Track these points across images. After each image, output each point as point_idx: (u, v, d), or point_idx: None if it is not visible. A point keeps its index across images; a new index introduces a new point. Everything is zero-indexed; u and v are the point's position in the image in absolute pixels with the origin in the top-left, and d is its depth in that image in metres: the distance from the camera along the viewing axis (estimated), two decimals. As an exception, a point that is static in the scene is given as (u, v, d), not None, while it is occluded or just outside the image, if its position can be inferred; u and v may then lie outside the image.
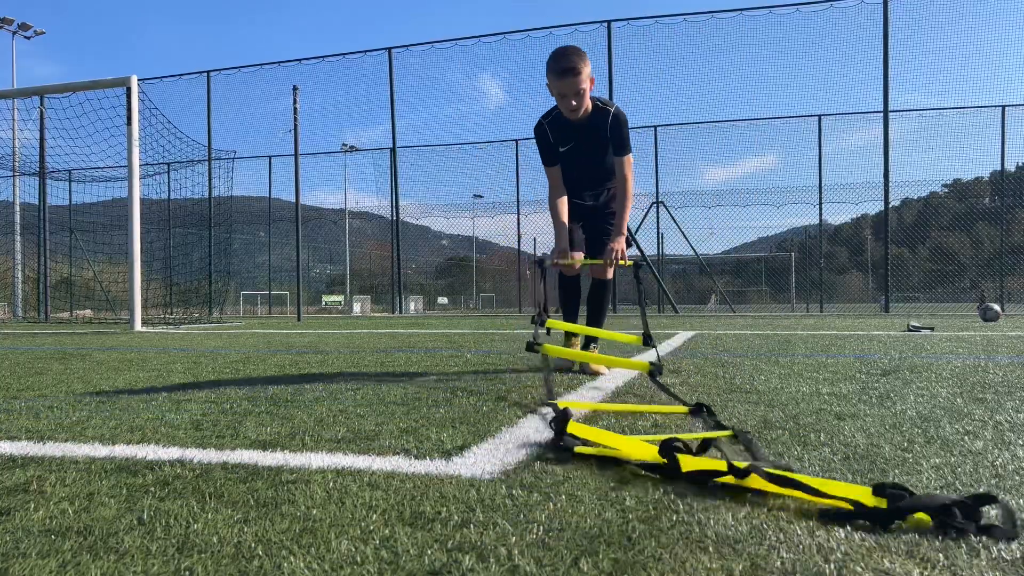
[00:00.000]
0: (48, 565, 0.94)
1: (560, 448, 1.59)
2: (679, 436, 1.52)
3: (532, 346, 2.69)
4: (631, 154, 3.40)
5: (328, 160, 31.56)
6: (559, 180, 3.45)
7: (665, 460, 1.36)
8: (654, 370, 2.57)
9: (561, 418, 1.67)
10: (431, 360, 4.10)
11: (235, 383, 3.01)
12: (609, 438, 1.56)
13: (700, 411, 2.04)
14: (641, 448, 1.48)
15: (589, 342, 3.70)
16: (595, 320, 3.72)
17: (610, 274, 3.56)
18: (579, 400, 2.38)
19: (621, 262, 3.26)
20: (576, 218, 3.54)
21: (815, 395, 2.45)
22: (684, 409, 2.09)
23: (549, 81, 3.25)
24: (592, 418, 2.05)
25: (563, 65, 3.17)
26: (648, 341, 2.86)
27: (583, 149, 3.42)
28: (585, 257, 3.48)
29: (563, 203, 3.42)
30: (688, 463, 1.33)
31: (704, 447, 1.43)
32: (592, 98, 3.32)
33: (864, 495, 1.12)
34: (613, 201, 3.50)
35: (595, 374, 3.22)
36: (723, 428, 1.79)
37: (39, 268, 18.61)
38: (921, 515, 1.06)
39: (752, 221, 22.77)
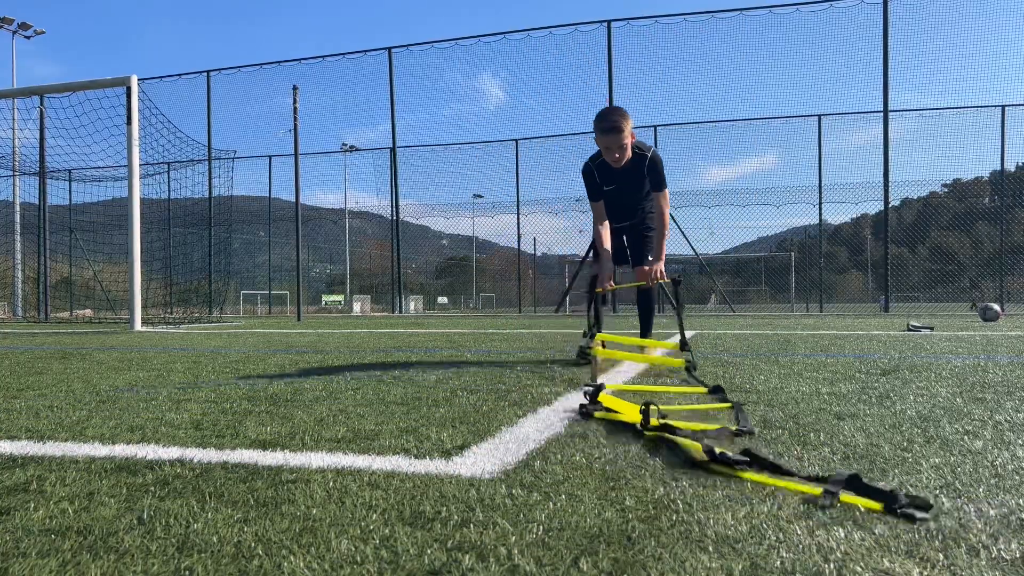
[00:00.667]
0: (48, 565, 0.94)
1: (584, 413, 2.04)
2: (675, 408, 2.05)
3: (584, 353, 3.14)
4: (667, 189, 3.90)
5: (328, 160, 31.61)
6: (603, 212, 3.94)
7: (641, 417, 1.78)
8: (689, 366, 3.10)
9: (595, 390, 2.14)
10: (431, 360, 4.10)
11: (235, 383, 3.01)
12: (622, 406, 2.04)
13: (717, 390, 2.50)
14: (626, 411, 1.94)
15: (644, 336, 4.21)
16: (646, 324, 4.23)
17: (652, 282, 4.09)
18: (619, 383, 2.82)
19: (661, 280, 3.78)
20: (616, 234, 4.07)
21: (815, 395, 2.45)
22: (704, 389, 2.57)
23: (596, 136, 3.76)
24: (627, 395, 2.42)
25: (607, 125, 3.68)
26: (685, 347, 3.31)
27: (623, 190, 3.95)
28: (630, 260, 4.16)
29: (606, 232, 3.90)
30: (655, 422, 1.75)
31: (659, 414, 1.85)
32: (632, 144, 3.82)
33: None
34: (648, 218, 4.07)
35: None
36: (726, 402, 2.26)
37: (39, 268, 18.60)
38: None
39: (752, 221, 22.79)
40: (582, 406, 2.08)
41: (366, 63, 20.11)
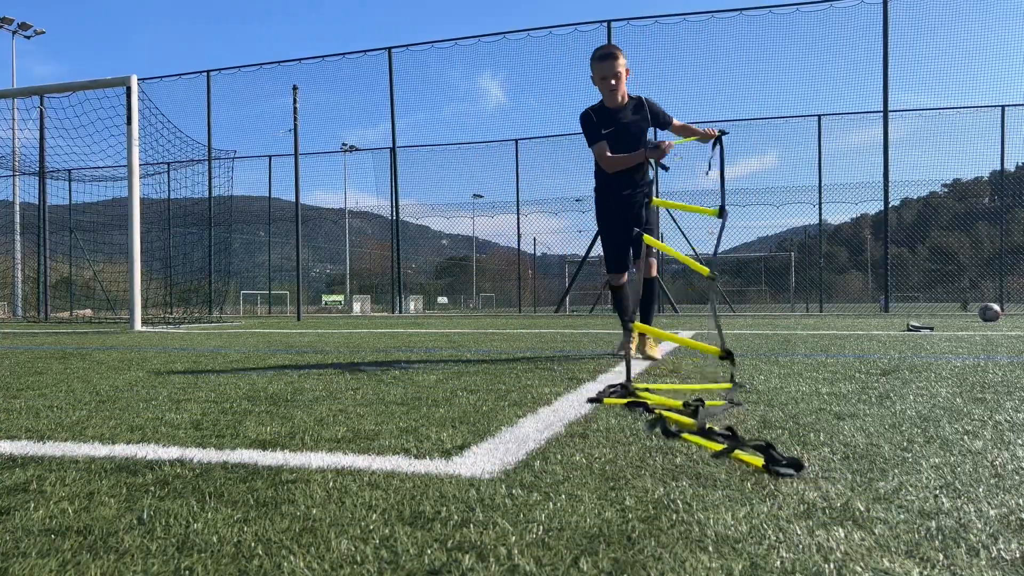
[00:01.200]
0: (48, 565, 0.94)
1: (596, 400, 2.32)
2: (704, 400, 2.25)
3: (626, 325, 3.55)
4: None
5: (328, 160, 31.61)
6: (607, 150, 3.95)
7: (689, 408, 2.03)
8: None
9: (629, 389, 2.47)
10: (431, 360, 4.10)
11: (235, 383, 3.01)
12: (649, 396, 2.30)
13: (729, 355, 2.70)
14: (668, 402, 2.18)
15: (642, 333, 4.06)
16: (647, 314, 4.14)
17: (654, 271, 4.08)
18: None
19: (712, 134, 3.71)
20: (620, 221, 3.99)
21: (815, 395, 2.45)
22: (717, 351, 2.73)
23: (593, 70, 3.90)
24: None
25: (603, 51, 3.89)
26: (722, 213, 3.20)
27: (622, 136, 3.95)
28: (634, 260, 3.94)
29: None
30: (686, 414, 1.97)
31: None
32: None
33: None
34: (649, 210, 3.96)
35: (651, 358, 3.83)
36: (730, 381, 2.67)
37: (39, 268, 18.60)
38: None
39: (752, 221, 22.73)
40: (627, 393, 2.39)
41: (366, 63, 20.10)
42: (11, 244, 20.80)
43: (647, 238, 3.62)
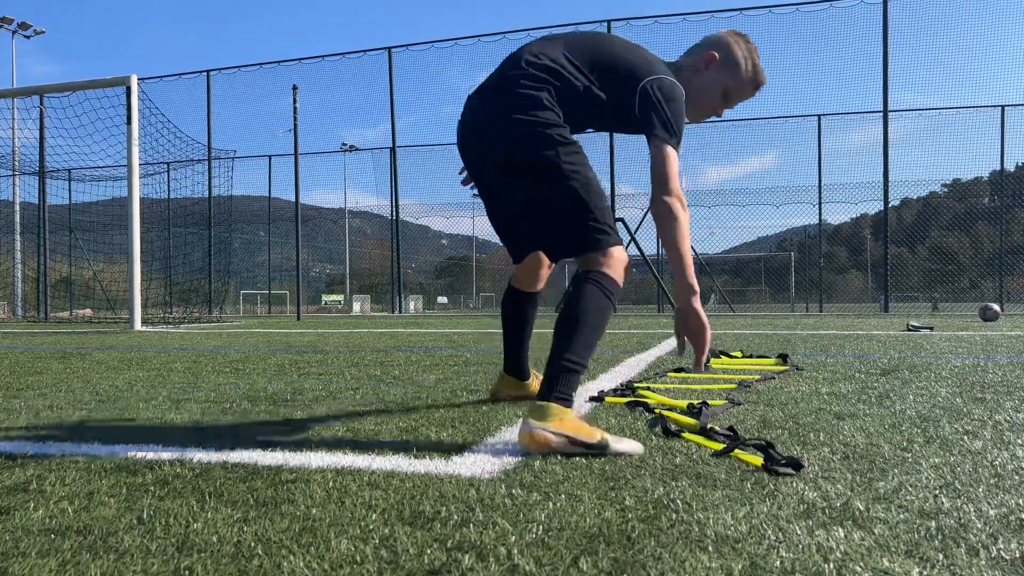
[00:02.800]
0: (48, 564, 0.94)
1: (597, 399, 2.35)
2: (709, 401, 2.23)
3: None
4: None
5: (328, 160, 31.63)
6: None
7: (695, 408, 2.05)
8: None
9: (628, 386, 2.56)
10: (431, 360, 4.10)
11: (235, 383, 3.01)
12: (651, 396, 2.33)
13: (786, 360, 3.15)
14: (670, 402, 2.21)
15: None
16: (571, 335, 1.92)
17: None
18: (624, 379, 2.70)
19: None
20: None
21: (814, 395, 2.45)
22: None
23: (744, 85, 2.07)
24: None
25: (764, 83, 2.14)
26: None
27: None
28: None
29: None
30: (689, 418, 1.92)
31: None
32: None
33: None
34: None
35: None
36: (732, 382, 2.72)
37: (39, 267, 18.59)
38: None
39: (752, 221, 22.77)
40: (625, 393, 2.44)
41: (366, 63, 20.07)
42: (11, 244, 20.80)
43: None
